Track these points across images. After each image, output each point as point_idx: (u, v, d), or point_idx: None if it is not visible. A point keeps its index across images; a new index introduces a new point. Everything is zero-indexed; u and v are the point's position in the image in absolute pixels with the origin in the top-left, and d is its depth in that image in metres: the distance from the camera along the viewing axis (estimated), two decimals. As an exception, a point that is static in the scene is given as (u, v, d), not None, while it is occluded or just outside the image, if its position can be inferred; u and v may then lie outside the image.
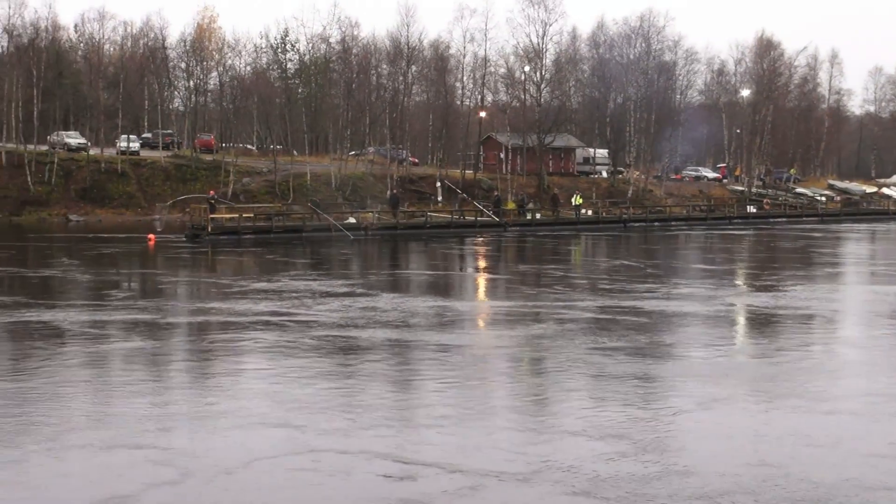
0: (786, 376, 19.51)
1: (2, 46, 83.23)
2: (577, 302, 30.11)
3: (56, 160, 77.38)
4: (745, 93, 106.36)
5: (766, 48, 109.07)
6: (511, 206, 76.05)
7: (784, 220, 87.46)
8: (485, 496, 12.31)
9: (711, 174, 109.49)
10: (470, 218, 70.89)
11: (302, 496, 12.35)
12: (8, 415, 15.80)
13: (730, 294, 33.60)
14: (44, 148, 79.84)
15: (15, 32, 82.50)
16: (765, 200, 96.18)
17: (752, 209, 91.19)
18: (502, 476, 12.94)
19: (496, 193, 78.77)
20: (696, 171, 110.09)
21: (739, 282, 38.80)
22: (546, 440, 14.71)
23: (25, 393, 17.45)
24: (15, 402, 16.66)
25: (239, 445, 14.29)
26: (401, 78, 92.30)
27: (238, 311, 27.54)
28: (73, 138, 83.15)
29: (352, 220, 64.28)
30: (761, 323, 27.19)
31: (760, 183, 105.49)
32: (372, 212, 68.05)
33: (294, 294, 31.24)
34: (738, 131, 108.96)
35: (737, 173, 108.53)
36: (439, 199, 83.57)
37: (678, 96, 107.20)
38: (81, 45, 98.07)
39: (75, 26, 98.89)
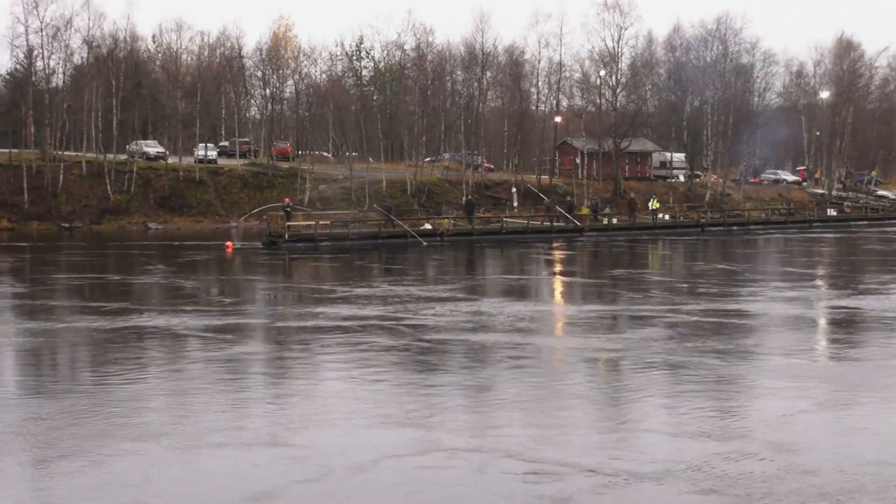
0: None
1: (82, 57, 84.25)
2: (680, 305, 29.84)
3: (135, 169, 78.06)
4: (825, 94, 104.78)
5: (845, 49, 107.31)
6: (585, 211, 75.31)
7: (865, 222, 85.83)
8: (622, 494, 12.42)
9: (791, 177, 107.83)
10: (546, 223, 70.27)
11: (446, 494, 12.52)
12: (145, 416, 16.15)
13: (834, 297, 33.30)
14: (123, 157, 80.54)
15: (94, 44, 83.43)
16: (845, 203, 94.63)
17: (832, 212, 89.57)
18: (632, 475, 13.02)
19: (568, 198, 78.11)
20: (775, 174, 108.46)
21: (841, 285, 38.10)
22: (666, 440, 14.75)
23: (158, 394, 17.87)
24: (150, 404, 17.02)
25: (371, 444, 14.52)
26: (475, 84, 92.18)
27: (346, 315, 27.73)
28: (152, 147, 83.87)
29: (427, 226, 64.10)
30: (871, 325, 26.88)
31: (841, 185, 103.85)
32: (447, 218, 67.80)
33: (397, 299, 31.27)
34: (818, 133, 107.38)
35: (817, 176, 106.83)
36: (515, 204, 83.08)
37: (756, 99, 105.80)
38: (159, 55, 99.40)
39: (153, 37, 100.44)
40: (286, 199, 66.04)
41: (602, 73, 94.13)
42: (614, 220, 74.77)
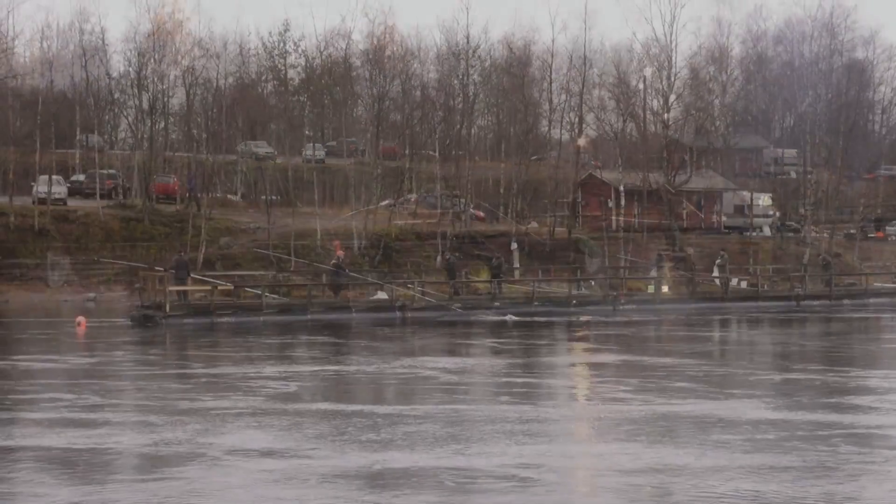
0: None
1: (192, 60, 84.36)
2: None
3: (244, 169, 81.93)
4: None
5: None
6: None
7: None
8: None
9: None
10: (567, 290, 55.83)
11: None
12: (386, 431, 20.00)
13: None
14: (232, 157, 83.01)
15: (204, 46, 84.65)
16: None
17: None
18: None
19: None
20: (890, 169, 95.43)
21: None
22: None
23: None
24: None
25: (604, 461, 17.79)
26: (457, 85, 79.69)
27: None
28: (261, 147, 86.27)
29: (381, 294, 52.31)
30: None
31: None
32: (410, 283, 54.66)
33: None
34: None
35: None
36: (516, 265, 65.01)
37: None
38: (267, 56, 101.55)
39: (261, 38, 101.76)
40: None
41: (647, 73, 72.37)
42: (665, 288, 57.40)
